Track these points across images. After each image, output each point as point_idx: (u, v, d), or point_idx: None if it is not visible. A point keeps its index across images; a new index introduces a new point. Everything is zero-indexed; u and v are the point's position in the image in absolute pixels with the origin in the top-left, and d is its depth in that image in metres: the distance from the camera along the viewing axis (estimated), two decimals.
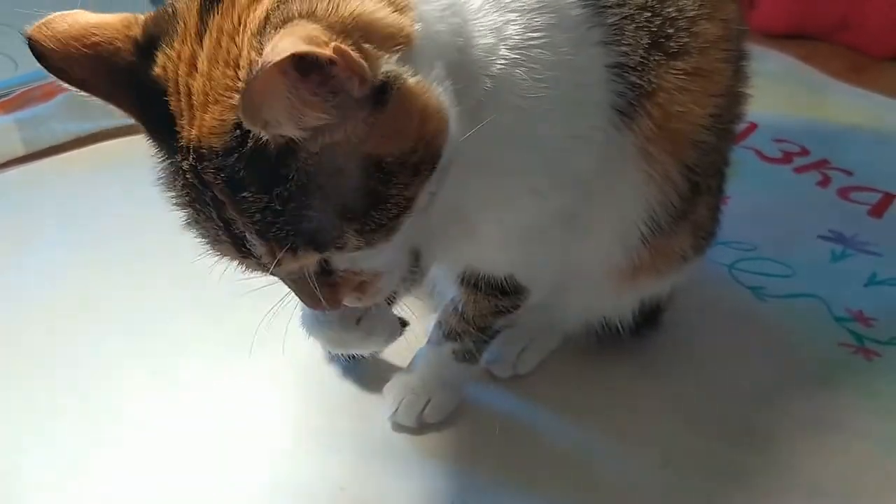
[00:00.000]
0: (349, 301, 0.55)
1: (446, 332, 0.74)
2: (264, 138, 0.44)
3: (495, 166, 0.57)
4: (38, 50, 0.49)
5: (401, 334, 0.79)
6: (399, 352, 0.81)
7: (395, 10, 0.47)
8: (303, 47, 0.40)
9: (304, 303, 0.55)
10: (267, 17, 0.45)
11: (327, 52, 0.41)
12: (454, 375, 0.76)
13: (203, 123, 0.46)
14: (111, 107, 0.51)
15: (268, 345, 0.84)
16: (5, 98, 1.26)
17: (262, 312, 0.87)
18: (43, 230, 1.02)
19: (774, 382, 0.82)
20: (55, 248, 0.99)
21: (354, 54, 0.42)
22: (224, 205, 0.47)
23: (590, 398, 0.79)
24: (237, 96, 0.44)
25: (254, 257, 0.49)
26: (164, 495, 0.70)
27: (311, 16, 0.44)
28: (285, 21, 0.44)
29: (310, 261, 0.50)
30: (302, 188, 0.46)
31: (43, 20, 0.50)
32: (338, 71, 0.42)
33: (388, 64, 0.45)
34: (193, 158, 0.47)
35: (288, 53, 0.40)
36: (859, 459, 0.74)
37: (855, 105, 1.30)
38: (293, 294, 0.56)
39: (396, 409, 0.75)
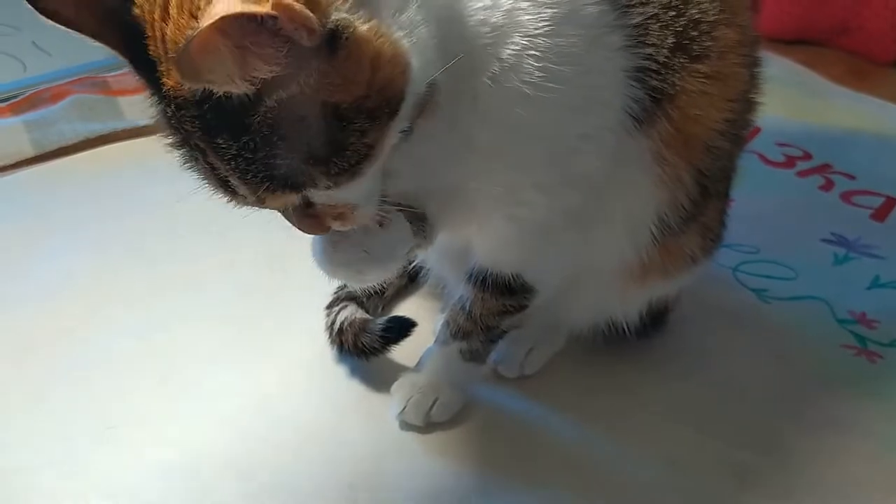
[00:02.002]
0: (333, 225, 0.57)
1: (454, 332, 0.74)
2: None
3: (503, 156, 0.58)
4: None
5: (409, 334, 0.80)
6: (407, 351, 0.81)
7: None
8: (236, 9, 0.42)
9: (299, 229, 0.57)
10: None
11: (264, 10, 0.42)
12: (461, 375, 0.76)
13: (174, 74, 0.47)
14: (99, 44, 0.51)
15: (277, 345, 0.85)
16: (14, 100, 1.26)
17: (270, 314, 0.88)
18: (52, 231, 1.02)
19: (778, 384, 0.82)
20: (64, 249, 0.99)
21: (298, 6, 0.43)
22: (205, 151, 0.50)
23: (596, 398, 0.80)
24: None
25: (238, 197, 0.52)
26: (173, 495, 0.70)
27: None
28: None
29: (290, 199, 0.53)
30: (267, 136, 0.48)
31: None
32: (282, 24, 0.44)
33: (339, 12, 0.46)
34: (174, 107, 0.48)
35: (219, 17, 0.41)
36: (863, 460, 0.74)
37: (857, 110, 1.31)
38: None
39: (404, 408, 0.75)
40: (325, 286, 0.86)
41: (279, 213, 0.57)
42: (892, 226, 1.05)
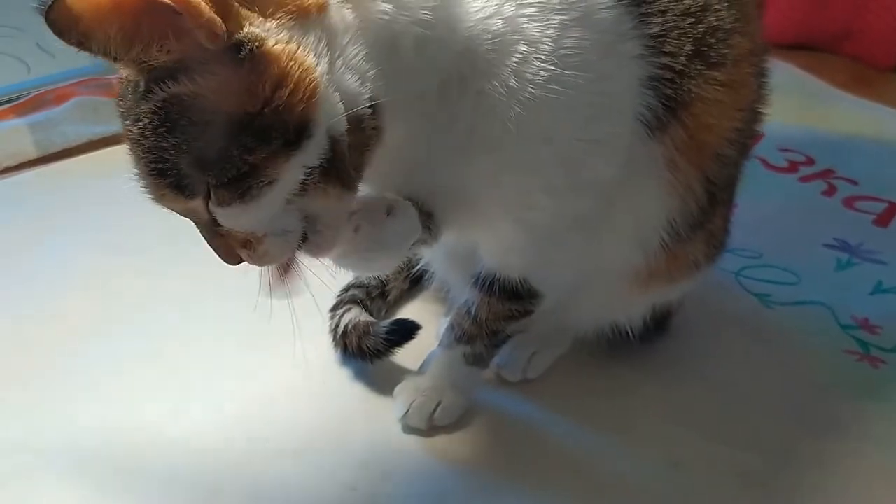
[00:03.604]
0: (243, 255, 0.56)
1: (458, 336, 0.74)
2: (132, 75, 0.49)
3: (515, 161, 0.58)
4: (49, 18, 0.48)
5: (413, 337, 0.80)
6: (410, 354, 0.81)
7: None
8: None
9: (210, 246, 0.57)
10: None
11: (168, 1, 0.44)
12: (465, 378, 0.76)
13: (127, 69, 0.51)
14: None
15: (280, 347, 0.85)
16: (18, 101, 1.27)
17: (275, 315, 0.88)
18: (55, 232, 1.02)
19: (781, 389, 0.82)
20: (67, 249, 0.99)
21: (206, 9, 0.45)
22: (133, 150, 0.52)
23: (599, 402, 0.80)
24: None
25: (154, 197, 0.53)
26: (176, 495, 0.71)
27: None
28: None
29: (185, 205, 0.53)
30: (158, 128, 0.49)
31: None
32: (186, 20, 0.45)
33: (256, 27, 0.48)
34: (123, 102, 0.52)
35: None
36: (865, 465, 0.74)
37: (859, 115, 1.32)
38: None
39: (407, 412, 0.75)
40: (330, 288, 0.86)
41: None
42: (894, 231, 1.06)
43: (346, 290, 0.87)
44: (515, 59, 0.55)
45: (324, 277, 0.67)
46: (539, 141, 0.58)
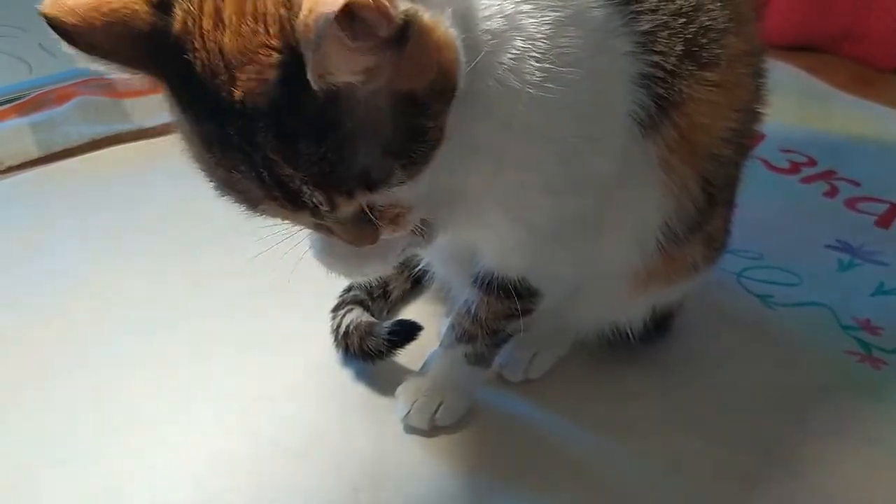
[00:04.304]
0: (386, 233, 0.56)
1: (459, 335, 0.74)
2: (315, 90, 0.45)
3: (512, 159, 0.58)
4: (58, 27, 0.47)
5: (415, 338, 0.80)
6: (412, 354, 0.81)
7: None
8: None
9: (350, 242, 0.56)
10: None
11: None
12: (466, 378, 0.76)
13: (243, 83, 0.45)
14: (139, 76, 0.49)
15: (282, 346, 0.85)
16: (20, 101, 1.27)
17: (277, 314, 0.88)
18: (57, 231, 1.03)
19: (782, 390, 0.82)
20: (69, 249, 1.00)
21: None
22: (277, 163, 0.47)
23: (600, 403, 0.80)
24: (275, 54, 0.45)
25: (309, 208, 0.50)
26: (177, 495, 0.71)
27: None
28: None
29: (363, 201, 0.52)
30: (350, 133, 0.47)
31: None
32: (369, 14, 0.44)
33: (404, 2, 0.47)
34: (240, 120, 0.46)
35: (343, 3, 0.41)
36: (867, 466, 0.74)
37: (861, 116, 1.31)
38: (325, 239, 0.58)
39: (409, 412, 0.76)
40: (331, 289, 0.86)
41: (314, 231, 0.56)
42: None
43: (348, 290, 0.87)
44: (511, 56, 0.55)
45: (325, 278, 0.68)
46: (536, 139, 0.58)
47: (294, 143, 0.47)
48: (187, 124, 0.50)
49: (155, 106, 1.24)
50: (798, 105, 1.30)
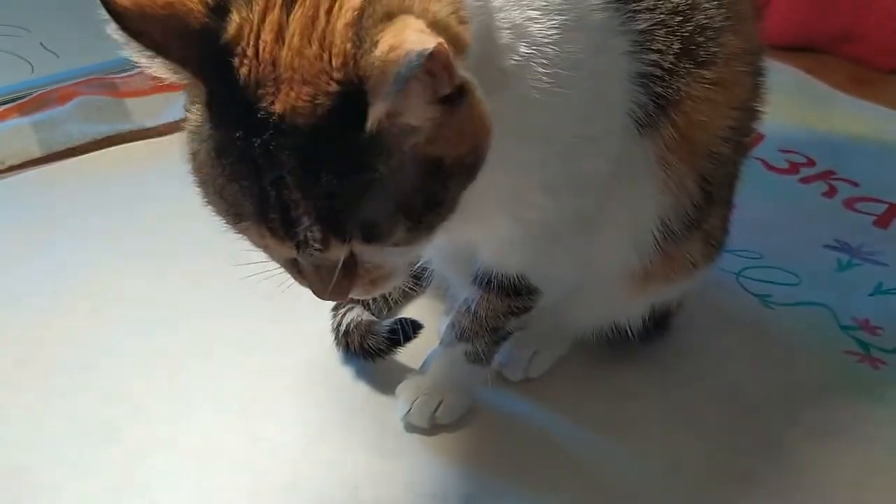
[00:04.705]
0: (359, 292, 0.56)
1: (459, 333, 0.74)
2: (366, 128, 0.45)
3: (511, 160, 0.58)
4: (113, 8, 0.46)
5: (415, 336, 0.81)
6: (412, 353, 0.82)
7: (460, 22, 0.49)
8: (432, 42, 0.42)
9: (312, 290, 0.55)
10: (362, 9, 0.45)
11: (443, 49, 0.43)
12: (466, 377, 0.77)
13: (289, 100, 0.45)
14: (184, 74, 0.49)
15: (283, 345, 0.86)
16: (22, 100, 1.27)
17: (277, 314, 0.89)
18: (58, 231, 1.03)
19: (781, 389, 0.82)
20: (70, 248, 1.00)
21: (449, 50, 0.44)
22: (287, 185, 0.47)
23: (600, 402, 0.80)
24: (335, 85, 0.45)
25: (298, 241, 0.49)
26: (177, 495, 0.71)
27: (409, 12, 0.45)
28: (389, 15, 0.45)
29: (352, 250, 0.51)
30: (374, 180, 0.47)
31: None
32: (442, 66, 0.44)
33: (461, 69, 0.47)
34: (270, 133, 0.46)
35: (433, 45, 0.41)
36: (866, 466, 0.74)
37: (860, 117, 1.32)
38: (293, 278, 0.57)
39: (409, 410, 0.76)
40: None
41: (282, 266, 0.56)
42: (895, 233, 1.06)
43: None
44: (515, 61, 0.55)
45: None
46: (538, 141, 0.59)
47: (317, 172, 0.46)
48: (209, 128, 0.49)
49: (156, 106, 1.25)
50: (797, 105, 1.30)
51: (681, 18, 0.62)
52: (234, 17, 0.47)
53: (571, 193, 0.62)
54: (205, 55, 0.47)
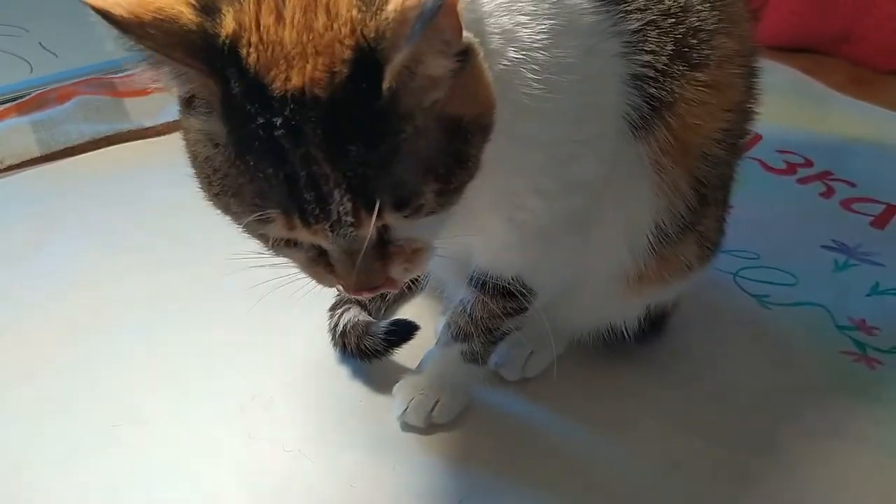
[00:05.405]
0: (396, 273, 0.54)
1: (455, 334, 0.75)
2: (384, 90, 0.45)
3: (504, 164, 0.58)
4: (112, 18, 0.45)
5: (412, 337, 0.81)
6: (408, 353, 0.82)
7: None
8: None
9: (344, 283, 0.53)
10: None
11: (453, 2, 0.44)
12: (463, 376, 0.77)
13: (306, 73, 0.45)
14: (192, 76, 0.48)
15: (280, 345, 0.86)
16: (21, 100, 1.27)
17: (275, 314, 0.89)
18: (57, 231, 1.03)
19: (778, 389, 0.82)
20: (69, 248, 1.00)
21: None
22: (316, 160, 0.46)
23: (597, 402, 0.80)
24: (349, 51, 0.45)
25: (331, 220, 0.48)
26: (175, 494, 0.71)
27: None
28: None
29: (385, 224, 0.51)
30: (399, 144, 0.47)
31: None
32: (452, 21, 0.45)
33: (465, 31, 0.48)
34: (291, 109, 0.46)
35: None
36: (862, 466, 0.75)
37: (858, 117, 1.32)
38: (318, 279, 0.55)
39: (405, 410, 0.76)
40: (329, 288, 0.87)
41: (306, 267, 0.55)
42: (892, 233, 1.06)
43: None
44: (504, 66, 0.55)
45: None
46: (532, 145, 0.59)
47: (344, 141, 0.46)
48: (225, 130, 0.48)
49: (155, 106, 1.25)
50: (795, 106, 1.30)
51: (673, 20, 0.62)
52: (227, 12, 0.47)
53: (564, 196, 0.62)
54: (209, 54, 0.47)
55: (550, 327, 0.82)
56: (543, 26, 0.56)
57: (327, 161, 0.46)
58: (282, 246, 0.53)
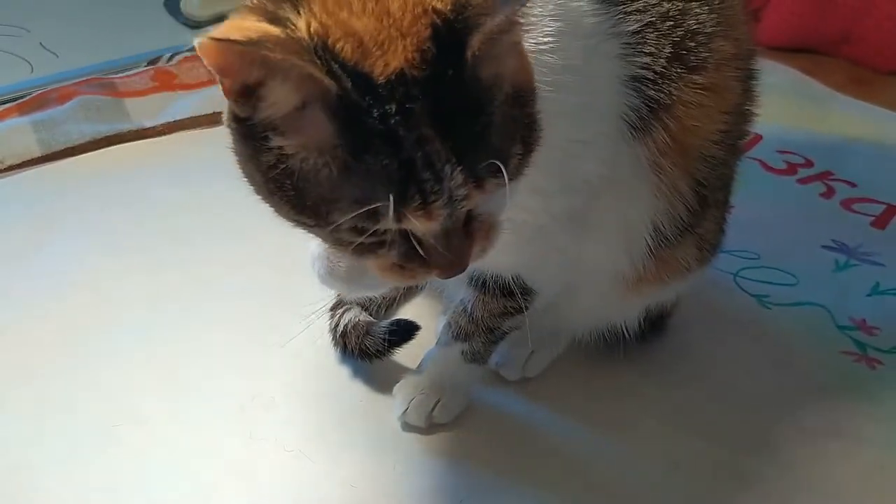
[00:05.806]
0: (477, 252, 0.54)
1: (455, 333, 0.75)
2: (469, 64, 0.47)
3: None
4: (238, 43, 0.45)
5: (413, 337, 0.81)
6: (409, 352, 0.82)
7: None
8: None
9: (438, 267, 0.52)
10: None
11: None
12: (463, 376, 0.77)
13: (401, 56, 0.46)
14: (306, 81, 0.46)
15: (281, 345, 0.86)
16: (22, 100, 1.27)
17: (275, 314, 0.89)
18: (58, 231, 1.03)
19: (778, 389, 0.83)
20: (70, 248, 1.00)
21: None
22: (431, 139, 0.46)
23: (597, 402, 0.80)
24: (428, 29, 0.47)
25: (445, 197, 0.48)
26: (175, 494, 0.71)
27: None
28: None
29: (486, 194, 0.50)
30: (493, 112, 0.48)
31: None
32: None
33: None
34: (401, 93, 0.46)
35: None
36: (863, 466, 0.75)
37: (858, 118, 1.32)
38: (405, 277, 0.54)
39: (406, 409, 0.76)
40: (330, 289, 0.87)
41: (385, 274, 0.54)
42: (892, 233, 1.06)
43: None
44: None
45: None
46: None
47: (449, 117, 0.47)
48: (335, 137, 0.47)
49: (155, 106, 1.25)
50: (795, 106, 1.30)
51: (671, 23, 0.62)
52: (296, 18, 0.47)
53: (563, 195, 0.63)
54: (312, 57, 0.46)
55: (551, 327, 0.82)
56: (550, 28, 0.56)
57: (439, 138, 0.47)
58: (365, 252, 0.52)
